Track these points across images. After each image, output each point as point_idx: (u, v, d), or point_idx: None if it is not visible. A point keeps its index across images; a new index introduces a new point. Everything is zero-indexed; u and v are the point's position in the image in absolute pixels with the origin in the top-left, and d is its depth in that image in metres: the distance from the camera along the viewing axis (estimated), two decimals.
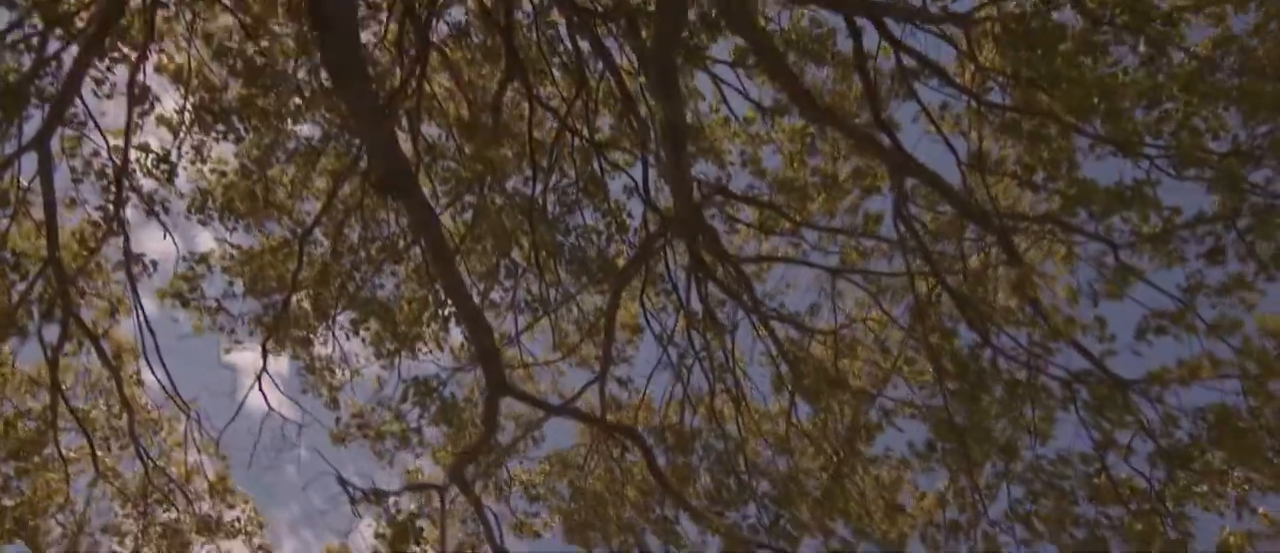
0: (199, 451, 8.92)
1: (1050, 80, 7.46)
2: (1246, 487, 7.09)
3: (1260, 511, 7.56)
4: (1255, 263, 6.93)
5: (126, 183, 7.18)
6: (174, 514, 9.20)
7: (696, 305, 9.69)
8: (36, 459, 8.82)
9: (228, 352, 8.56)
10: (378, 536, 8.03)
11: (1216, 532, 7.59)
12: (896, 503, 8.12)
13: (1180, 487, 7.55)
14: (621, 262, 9.57)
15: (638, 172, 9.21)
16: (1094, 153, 7.78)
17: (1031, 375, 6.72)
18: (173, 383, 8.22)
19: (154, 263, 7.79)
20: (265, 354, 8.32)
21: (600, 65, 9.06)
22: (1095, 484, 7.32)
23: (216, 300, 8.22)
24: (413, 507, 8.62)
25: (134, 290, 7.56)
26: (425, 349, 9.94)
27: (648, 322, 9.99)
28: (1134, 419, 6.84)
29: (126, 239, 7.47)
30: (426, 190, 8.93)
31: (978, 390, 6.84)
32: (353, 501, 8.10)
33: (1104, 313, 7.00)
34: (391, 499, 8.22)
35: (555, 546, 10.80)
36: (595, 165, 9.36)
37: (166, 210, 7.61)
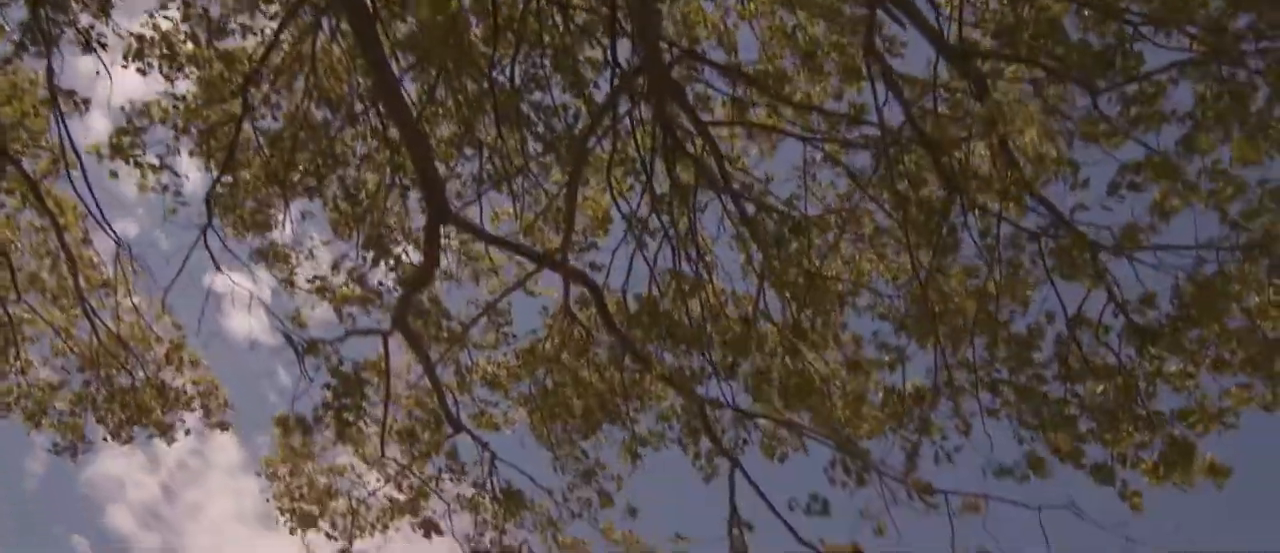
0: (133, 295, 8.64)
1: None
2: (1219, 355, 6.90)
3: (1234, 387, 7.40)
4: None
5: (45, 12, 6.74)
6: (128, 380, 9.00)
7: (665, 184, 9.43)
8: None
9: (173, 212, 8.23)
10: (324, 387, 7.86)
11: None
12: (857, 361, 7.93)
13: (1152, 366, 7.37)
14: (589, 147, 9.25)
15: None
16: (1081, 19, 7.44)
17: (1002, 228, 6.45)
18: (107, 222, 7.87)
19: (86, 101, 7.42)
20: (211, 210, 8.02)
21: None
22: (1064, 356, 7.11)
23: (160, 157, 7.88)
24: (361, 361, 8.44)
25: (61, 120, 7.21)
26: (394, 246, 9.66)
27: (615, 201, 9.71)
28: (1102, 283, 6.60)
29: (50, 64, 7.08)
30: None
31: (948, 243, 6.59)
32: (299, 354, 7.91)
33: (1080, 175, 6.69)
34: (332, 347, 8.03)
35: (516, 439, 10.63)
36: (563, 34, 8.99)
37: (104, 46, 7.23)
